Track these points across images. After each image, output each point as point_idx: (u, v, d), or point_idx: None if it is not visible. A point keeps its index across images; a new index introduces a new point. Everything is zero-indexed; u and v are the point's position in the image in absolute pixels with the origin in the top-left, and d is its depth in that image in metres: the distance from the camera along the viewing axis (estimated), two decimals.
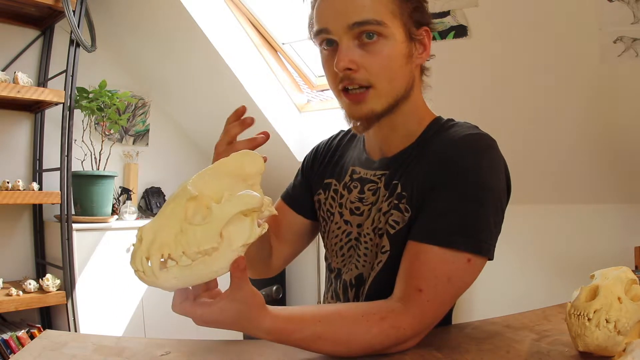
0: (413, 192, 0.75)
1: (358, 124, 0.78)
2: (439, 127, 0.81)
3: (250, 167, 0.59)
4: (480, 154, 0.72)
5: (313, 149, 1.01)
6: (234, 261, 0.57)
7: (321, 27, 0.75)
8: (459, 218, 0.70)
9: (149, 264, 0.54)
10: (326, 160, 0.96)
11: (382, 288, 0.78)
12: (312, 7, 0.78)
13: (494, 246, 0.72)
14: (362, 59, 0.73)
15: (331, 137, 1.00)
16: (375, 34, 0.73)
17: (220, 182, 0.57)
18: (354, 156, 0.91)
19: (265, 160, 0.60)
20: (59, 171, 2.17)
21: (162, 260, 0.54)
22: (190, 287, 0.60)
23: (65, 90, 2.16)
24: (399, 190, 0.77)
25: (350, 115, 0.78)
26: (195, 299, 0.60)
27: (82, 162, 2.43)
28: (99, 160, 2.46)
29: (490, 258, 0.72)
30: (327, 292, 0.93)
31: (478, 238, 0.70)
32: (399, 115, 0.80)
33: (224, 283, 0.58)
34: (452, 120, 0.83)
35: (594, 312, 0.62)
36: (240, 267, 0.57)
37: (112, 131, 2.61)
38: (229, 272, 0.58)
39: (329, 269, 0.93)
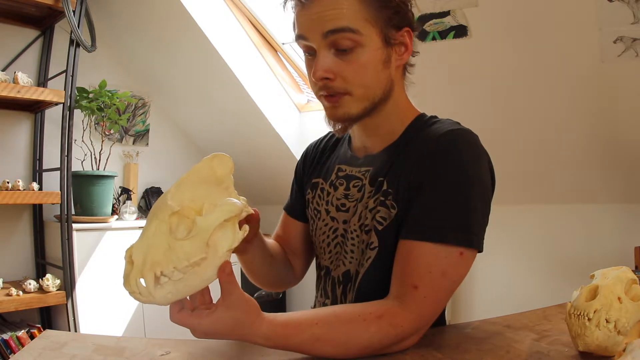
0: (399, 188, 0.76)
1: (337, 126, 0.81)
2: (421, 124, 0.82)
3: (220, 168, 0.62)
4: (463, 149, 0.73)
5: (303, 153, 1.03)
6: (219, 267, 0.59)
7: (300, 34, 0.77)
8: (448, 213, 0.70)
9: (143, 284, 0.55)
10: (315, 161, 0.98)
11: (372, 284, 0.79)
12: (293, 11, 0.78)
13: (483, 238, 0.73)
14: (338, 68, 0.75)
15: (320, 138, 1.02)
16: (350, 43, 0.73)
17: (197, 191, 0.59)
18: (340, 155, 0.93)
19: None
20: (59, 171, 2.17)
21: (155, 276, 0.56)
22: (188, 298, 0.62)
23: (65, 90, 2.16)
24: (384, 187, 0.78)
25: (329, 117, 0.81)
26: (193, 311, 0.61)
27: (82, 162, 2.43)
28: (99, 160, 2.46)
29: (480, 250, 0.73)
30: (317, 290, 0.94)
31: (468, 231, 0.70)
32: (380, 116, 0.81)
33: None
34: (435, 117, 0.84)
35: (594, 312, 0.62)
36: (227, 271, 0.59)
37: (112, 131, 2.61)
38: (218, 279, 0.60)
39: (319, 267, 0.94)
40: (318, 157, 0.98)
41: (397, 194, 0.76)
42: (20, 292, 2.06)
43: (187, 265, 0.56)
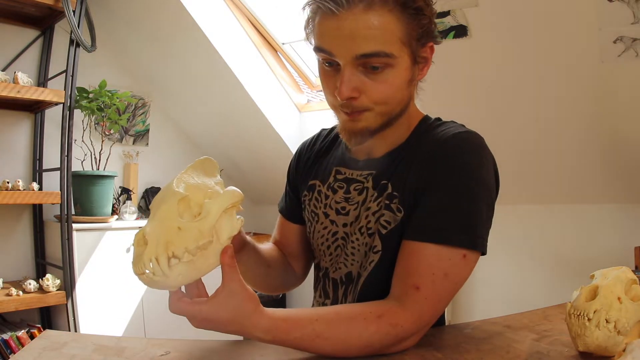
0: (404, 192, 0.76)
1: (352, 139, 0.78)
2: (427, 127, 0.81)
3: (210, 169, 0.67)
4: (470, 152, 0.73)
5: (296, 152, 1.01)
6: (222, 250, 0.60)
7: (323, 47, 0.71)
8: (452, 215, 0.70)
9: (159, 264, 0.56)
10: (310, 161, 0.96)
11: (374, 287, 0.78)
12: (313, 16, 0.74)
13: (487, 241, 0.73)
14: (364, 86, 0.71)
15: (313, 137, 1.00)
16: (381, 64, 0.70)
17: (196, 183, 0.63)
18: (337, 156, 0.91)
19: None
20: (59, 171, 2.17)
21: (168, 256, 0.57)
22: (183, 289, 0.63)
23: (65, 90, 2.16)
24: (389, 190, 0.78)
25: (346, 130, 0.78)
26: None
27: (82, 162, 2.43)
28: (99, 160, 2.46)
29: (484, 253, 0.73)
30: (315, 290, 0.94)
31: (473, 234, 0.70)
32: (392, 127, 0.79)
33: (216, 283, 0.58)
34: (439, 119, 0.83)
35: (594, 312, 0.62)
36: (229, 253, 0.60)
37: (112, 131, 2.61)
38: (220, 262, 0.61)
39: (317, 267, 0.94)
40: (313, 158, 0.96)
41: (403, 197, 0.76)
42: (20, 292, 2.06)
43: (197, 247, 0.57)
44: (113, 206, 2.56)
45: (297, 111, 2.92)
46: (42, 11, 2.25)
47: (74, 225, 2.23)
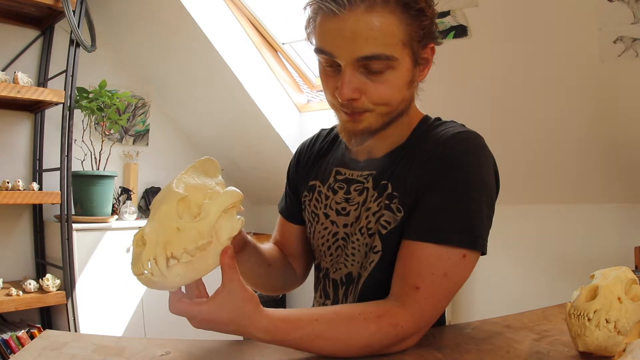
0: (405, 192, 0.76)
1: (352, 140, 0.78)
2: (427, 127, 0.81)
3: (212, 169, 0.67)
4: (470, 152, 0.73)
5: (295, 153, 1.01)
6: (222, 251, 0.60)
7: (324, 49, 0.71)
8: (452, 215, 0.70)
9: (157, 265, 0.56)
10: (310, 162, 0.96)
11: (375, 287, 0.78)
12: (314, 16, 0.73)
13: (487, 241, 0.73)
14: (365, 87, 0.71)
15: (313, 137, 1.00)
16: (383, 66, 0.70)
17: (197, 184, 0.63)
18: (337, 157, 0.91)
19: None
20: (59, 171, 2.17)
21: (166, 257, 0.57)
22: (184, 291, 0.63)
23: (65, 90, 2.16)
24: (389, 190, 0.78)
25: (346, 130, 0.78)
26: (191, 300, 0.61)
27: (82, 162, 2.43)
28: (99, 160, 2.46)
29: (484, 253, 0.73)
30: (316, 291, 0.94)
31: (473, 234, 0.70)
32: (392, 127, 0.79)
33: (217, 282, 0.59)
34: (439, 119, 0.84)
35: (594, 312, 0.62)
36: (229, 254, 0.60)
37: (112, 131, 2.61)
38: (220, 265, 0.61)
39: (317, 268, 0.94)
40: (313, 158, 0.96)
41: (403, 197, 0.76)
42: (20, 292, 2.06)
43: (196, 248, 0.57)
44: (113, 206, 2.56)
45: (297, 111, 2.92)
46: (42, 11, 2.25)
47: (74, 225, 2.23)
